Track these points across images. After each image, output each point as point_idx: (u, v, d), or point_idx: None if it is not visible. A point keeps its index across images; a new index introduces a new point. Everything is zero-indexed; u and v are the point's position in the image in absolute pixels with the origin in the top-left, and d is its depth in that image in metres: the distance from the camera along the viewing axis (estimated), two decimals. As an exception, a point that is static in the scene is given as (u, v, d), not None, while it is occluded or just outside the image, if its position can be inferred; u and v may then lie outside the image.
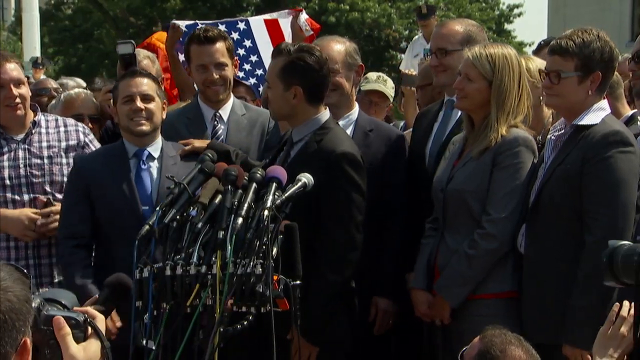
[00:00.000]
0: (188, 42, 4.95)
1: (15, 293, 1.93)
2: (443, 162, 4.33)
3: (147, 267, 3.33)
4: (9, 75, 4.47)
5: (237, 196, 3.48)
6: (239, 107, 4.95)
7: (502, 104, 4.09)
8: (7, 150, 4.55)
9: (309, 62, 4.13)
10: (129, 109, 4.35)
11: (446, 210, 4.17)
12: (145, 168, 4.39)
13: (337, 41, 4.71)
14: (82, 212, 4.32)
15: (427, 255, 4.24)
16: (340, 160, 4.08)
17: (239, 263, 3.25)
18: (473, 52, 4.16)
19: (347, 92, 4.64)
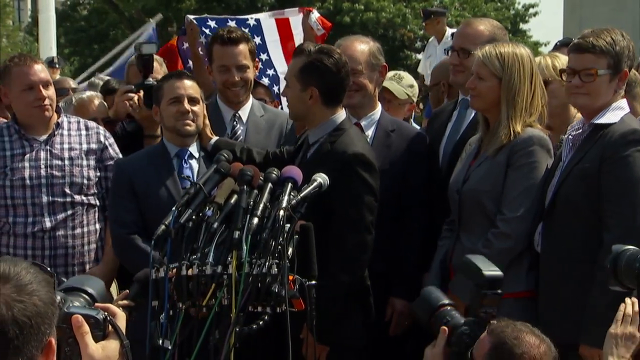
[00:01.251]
0: (211, 41, 4.97)
1: (40, 297, 1.93)
2: (459, 163, 4.32)
3: (163, 267, 3.33)
4: (38, 77, 4.52)
5: (252, 196, 3.49)
6: (258, 108, 4.97)
7: (513, 101, 4.08)
8: (28, 150, 4.57)
9: (326, 64, 4.14)
10: (177, 110, 4.42)
11: (462, 210, 4.16)
12: (187, 167, 4.47)
13: (361, 41, 4.71)
14: (130, 205, 4.40)
15: (442, 256, 4.24)
16: (352, 161, 4.08)
17: (254, 263, 3.26)
18: (483, 51, 4.16)
19: (370, 93, 4.64)
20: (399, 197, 4.41)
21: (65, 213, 4.53)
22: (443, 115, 4.79)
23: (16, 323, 1.87)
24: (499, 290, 2.88)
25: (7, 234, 4.52)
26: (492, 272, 2.90)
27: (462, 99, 4.68)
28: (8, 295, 1.90)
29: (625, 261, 2.94)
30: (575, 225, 3.88)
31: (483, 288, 2.85)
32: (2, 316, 1.87)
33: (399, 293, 4.47)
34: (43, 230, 4.49)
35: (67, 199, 4.54)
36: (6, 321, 1.87)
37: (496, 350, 2.73)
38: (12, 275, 1.94)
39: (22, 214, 4.50)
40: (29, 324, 1.89)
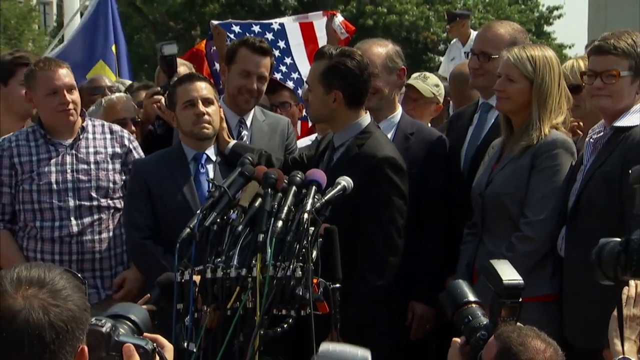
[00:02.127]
0: (239, 44, 4.96)
1: (75, 302, 1.95)
2: (482, 165, 4.30)
3: (188, 269, 3.34)
4: (63, 81, 4.55)
5: (276, 199, 3.49)
6: (260, 113, 5.00)
7: (545, 103, 4.07)
8: (54, 155, 4.60)
9: (349, 66, 4.14)
10: (192, 113, 4.43)
11: (485, 213, 4.15)
12: (203, 172, 4.48)
13: (379, 44, 4.70)
14: (144, 208, 4.43)
15: (466, 259, 4.22)
16: (382, 164, 4.08)
17: (279, 266, 3.26)
18: (513, 53, 4.14)
19: (386, 96, 4.63)
20: (418, 200, 4.40)
21: (92, 217, 4.55)
22: (463, 119, 4.77)
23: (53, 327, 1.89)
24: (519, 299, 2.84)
25: (35, 238, 4.55)
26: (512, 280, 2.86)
27: (483, 102, 4.67)
28: (44, 300, 1.91)
29: (606, 252, 2.91)
30: (598, 228, 3.84)
31: (502, 297, 2.83)
32: (40, 320, 1.88)
33: (419, 297, 4.47)
34: (70, 234, 4.51)
35: (94, 202, 4.56)
36: (43, 325, 1.88)
37: (502, 355, 2.72)
38: (48, 280, 1.96)
39: (49, 218, 4.52)
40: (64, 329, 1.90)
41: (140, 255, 4.46)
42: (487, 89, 4.60)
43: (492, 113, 4.60)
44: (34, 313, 1.89)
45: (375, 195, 4.03)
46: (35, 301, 1.91)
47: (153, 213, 4.43)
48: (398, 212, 4.10)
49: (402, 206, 4.12)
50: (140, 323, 2.39)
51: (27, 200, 4.54)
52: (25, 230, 4.56)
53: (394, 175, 4.10)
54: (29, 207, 4.54)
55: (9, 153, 4.58)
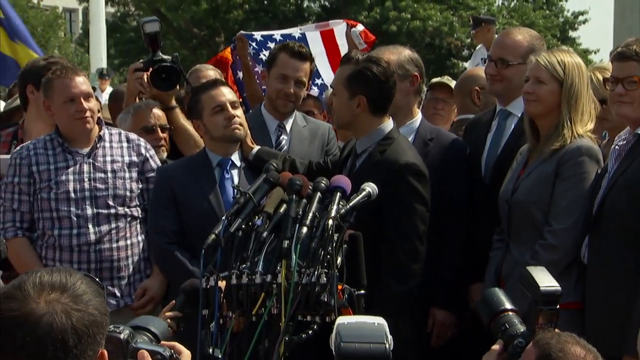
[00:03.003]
0: (279, 49, 5.02)
1: (95, 306, 1.97)
2: (510, 172, 4.28)
3: (213, 275, 3.35)
4: (79, 89, 4.53)
5: (301, 205, 3.50)
6: (300, 119, 5.02)
7: (575, 105, 4.06)
8: (72, 163, 4.60)
9: (375, 72, 4.15)
10: (223, 117, 4.44)
11: (511, 221, 4.14)
12: (228, 177, 4.49)
13: (391, 52, 4.68)
14: (169, 214, 4.45)
15: (495, 266, 4.21)
16: (404, 170, 4.08)
17: (303, 272, 3.26)
18: (542, 57, 4.14)
19: (398, 103, 4.57)
20: (437, 206, 4.38)
21: (109, 225, 4.54)
22: (480, 126, 4.74)
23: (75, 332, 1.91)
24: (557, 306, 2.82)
25: (53, 246, 4.54)
26: (550, 287, 2.85)
27: (501, 109, 4.65)
28: (67, 304, 1.93)
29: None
30: (620, 236, 3.83)
31: (539, 304, 2.81)
32: (63, 325, 1.90)
33: (439, 304, 4.45)
34: (88, 243, 4.50)
35: (111, 210, 4.55)
36: (66, 329, 1.90)
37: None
38: (69, 285, 1.97)
39: (67, 226, 4.52)
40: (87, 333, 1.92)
41: (166, 260, 4.47)
42: (504, 95, 4.58)
43: (511, 120, 4.59)
44: (57, 317, 1.92)
45: (397, 202, 4.02)
46: (58, 305, 1.93)
47: (178, 219, 4.45)
48: (420, 219, 4.09)
49: (423, 212, 4.11)
50: (159, 334, 2.43)
51: (46, 209, 4.55)
52: (44, 238, 4.57)
53: (415, 182, 4.09)
54: (47, 216, 4.54)
55: (27, 161, 4.59)
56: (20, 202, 4.59)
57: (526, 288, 2.89)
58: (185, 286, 3.47)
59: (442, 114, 5.97)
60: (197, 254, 4.23)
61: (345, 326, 2.51)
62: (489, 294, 2.98)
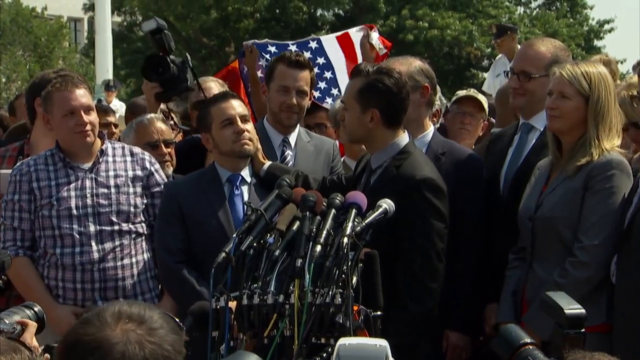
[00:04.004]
0: (276, 61, 5.04)
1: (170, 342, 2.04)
2: (528, 188, 4.26)
3: (223, 296, 3.35)
4: (79, 102, 4.54)
5: (315, 223, 3.49)
6: (304, 134, 5.05)
7: (603, 120, 4.04)
8: (73, 179, 4.60)
9: (387, 84, 4.15)
10: (232, 131, 4.46)
11: (535, 238, 4.11)
12: (238, 193, 4.49)
13: (400, 63, 4.67)
14: (177, 231, 4.46)
15: (512, 286, 4.19)
16: (420, 186, 4.07)
17: (317, 292, 3.25)
18: (566, 70, 4.11)
19: (407, 115, 4.57)
20: (451, 223, 4.36)
21: (113, 243, 4.54)
22: (503, 140, 4.74)
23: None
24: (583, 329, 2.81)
25: (55, 266, 4.54)
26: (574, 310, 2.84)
27: (523, 123, 4.64)
28: (142, 335, 1.98)
29: None
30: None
31: (565, 327, 2.80)
32: (135, 354, 1.96)
33: (454, 325, 4.44)
34: (91, 261, 4.50)
35: (115, 227, 4.56)
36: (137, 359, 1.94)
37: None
38: (147, 317, 2.03)
39: (69, 244, 4.52)
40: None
41: (173, 280, 4.48)
42: (527, 109, 4.57)
43: (533, 134, 4.58)
44: (130, 346, 1.98)
45: (414, 219, 4.01)
46: (133, 335, 2.00)
47: (186, 237, 4.45)
48: (438, 236, 4.08)
49: (441, 229, 4.10)
50: None
51: (47, 226, 4.55)
52: (46, 257, 4.57)
53: (432, 197, 4.08)
54: (49, 234, 4.55)
55: (28, 178, 4.59)
56: (20, 220, 4.59)
57: (549, 313, 2.88)
58: (194, 309, 3.46)
59: (468, 128, 5.96)
60: (206, 273, 4.23)
61: (346, 347, 2.52)
62: (505, 330, 2.98)
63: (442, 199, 4.13)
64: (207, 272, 4.21)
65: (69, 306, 4.51)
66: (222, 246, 3.93)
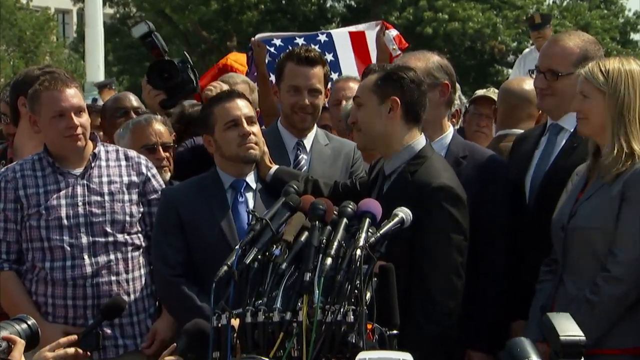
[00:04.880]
0: (285, 58, 5.05)
1: None
2: (564, 195, 4.26)
3: (225, 313, 3.36)
4: (70, 103, 4.54)
5: (325, 233, 3.49)
6: (322, 137, 5.04)
7: (631, 119, 4.02)
8: (63, 186, 4.60)
9: (407, 74, 4.18)
10: (237, 134, 4.46)
11: (567, 250, 4.11)
12: (242, 201, 4.51)
13: (418, 58, 4.67)
14: (175, 242, 4.47)
15: (542, 301, 4.19)
16: (437, 194, 4.07)
17: (328, 309, 3.26)
18: (587, 67, 4.13)
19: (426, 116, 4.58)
20: (474, 233, 4.35)
21: (108, 256, 4.55)
22: (528, 142, 4.73)
23: None
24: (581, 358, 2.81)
25: (44, 281, 4.54)
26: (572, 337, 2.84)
27: (552, 124, 4.64)
28: None
29: None
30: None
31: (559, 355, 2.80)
32: None
33: (476, 345, 4.42)
34: (84, 276, 4.51)
35: (109, 238, 4.56)
36: None
37: None
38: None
39: (59, 257, 4.52)
40: None
41: (171, 295, 4.49)
42: (556, 109, 4.57)
43: (563, 135, 4.57)
44: None
45: (430, 230, 4.00)
46: None
47: (186, 248, 4.47)
48: (456, 250, 4.08)
49: (460, 242, 4.10)
50: None
51: (35, 238, 4.55)
52: (34, 272, 4.57)
53: (451, 207, 4.07)
54: (37, 246, 4.55)
55: (13, 185, 4.59)
56: (6, 231, 4.59)
57: (546, 336, 2.89)
58: (188, 327, 3.47)
59: (485, 131, 5.96)
60: (207, 287, 4.23)
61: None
62: (514, 344, 2.98)
63: (461, 208, 4.12)
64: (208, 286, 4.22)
65: (59, 325, 4.51)
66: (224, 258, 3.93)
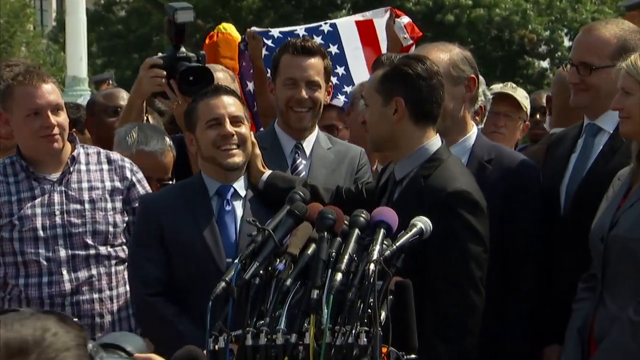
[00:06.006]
0: (280, 51, 5.06)
1: None
2: (604, 202, 4.25)
3: (223, 335, 3.37)
4: (47, 100, 4.54)
5: (335, 245, 3.50)
6: (324, 140, 5.05)
7: None
8: (39, 193, 4.60)
9: (414, 68, 4.15)
10: (217, 134, 4.43)
11: (607, 263, 4.10)
12: (229, 209, 4.48)
13: (440, 49, 4.66)
14: (154, 256, 4.43)
15: (580, 322, 4.18)
16: (453, 200, 4.05)
17: (338, 331, 3.26)
18: (628, 60, 4.12)
19: (451, 113, 4.55)
20: (500, 247, 4.35)
21: (89, 271, 4.56)
22: (564, 145, 4.72)
23: None
24: None
25: (18, 299, 4.55)
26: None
27: (588, 124, 4.63)
28: None
29: None
30: None
31: None
32: None
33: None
34: (62, 294, 4.52)
35: (90, 251, 4.57)
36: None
37: None
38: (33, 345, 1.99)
39: (35, 272, 4.53)
40: None
41: (148, 316, 4.47)
42: (592, 107, 4.57)
43: (601, 137, 4.56)
44: None
45: (445, 241, 3.98)
46: None
47: (166, 262, 4.44)
48: (475, 263, 4.06)
49: (479, 254, 4.08)
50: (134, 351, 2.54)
51: (8, 252, 4.56)
52: (6, 289, 4.58)
53: (468, 215, 4.05)
54: (10, 261, 4.55)
55: None
56: None
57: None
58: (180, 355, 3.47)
59: (503, 132, 5.96)
60: (188, 306, 4.27)
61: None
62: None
63: (480, 216, 4.10)
64: (190, 304, 4.26)
65: None
66: (207, 273, 3.96)
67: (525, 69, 30.73)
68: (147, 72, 5.07)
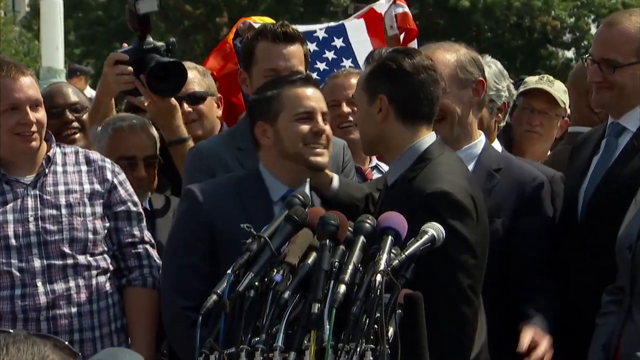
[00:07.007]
0: (255, 38, 4.97)
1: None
2: (633, 206, 4.27)
3: (214, 353, 3.38)
4: (26, 94, 4.52)
5: (338, 254, 3.52)
6: None
7: None
8: (11, 197, 4.58)
9: (400, 63, 4.14)
10: (309, 130, 4.34)
11: (636, 274, 4.12)
12: None
13: (446, 49, 4.68)
14: (201, 264, 4.29)
15: (605, 339, 4.20)
16: (434, 203, 4.00)
17: (341, 348, 3.28)
18: None
19: (460, 118, 4.58)
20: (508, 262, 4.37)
21: (66, 283, 4.53)
22: (588, 146, 4.74)
23: None
24: None
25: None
26: None
27: (612, 123, 4.65)
28: None
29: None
30: None
31: None
32: None
33: None
34: (37, 308, 4.49)
35: (68, 261, 4.54)
36: None
37: None
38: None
39: (6, 284, 4.50)
40: None
41: (178, 330, 4.35)
42: (616, 106, 4.58)
43: (625, 136, 4.57)
44: None
45: None
46: None
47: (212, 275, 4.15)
48: (462, 271, 4.03)
49: (468, 261, 4.04)
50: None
51: None
52: None
53: (451, 219, 3.98)
54: None
55: None
56: None
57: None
58: None
59: (539, 130, 5.96)
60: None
61: None
62: None
63: (465, 219, 4.05)
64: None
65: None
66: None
67: (547, 60, 30.70)
68: (112, 69, 5.08)
